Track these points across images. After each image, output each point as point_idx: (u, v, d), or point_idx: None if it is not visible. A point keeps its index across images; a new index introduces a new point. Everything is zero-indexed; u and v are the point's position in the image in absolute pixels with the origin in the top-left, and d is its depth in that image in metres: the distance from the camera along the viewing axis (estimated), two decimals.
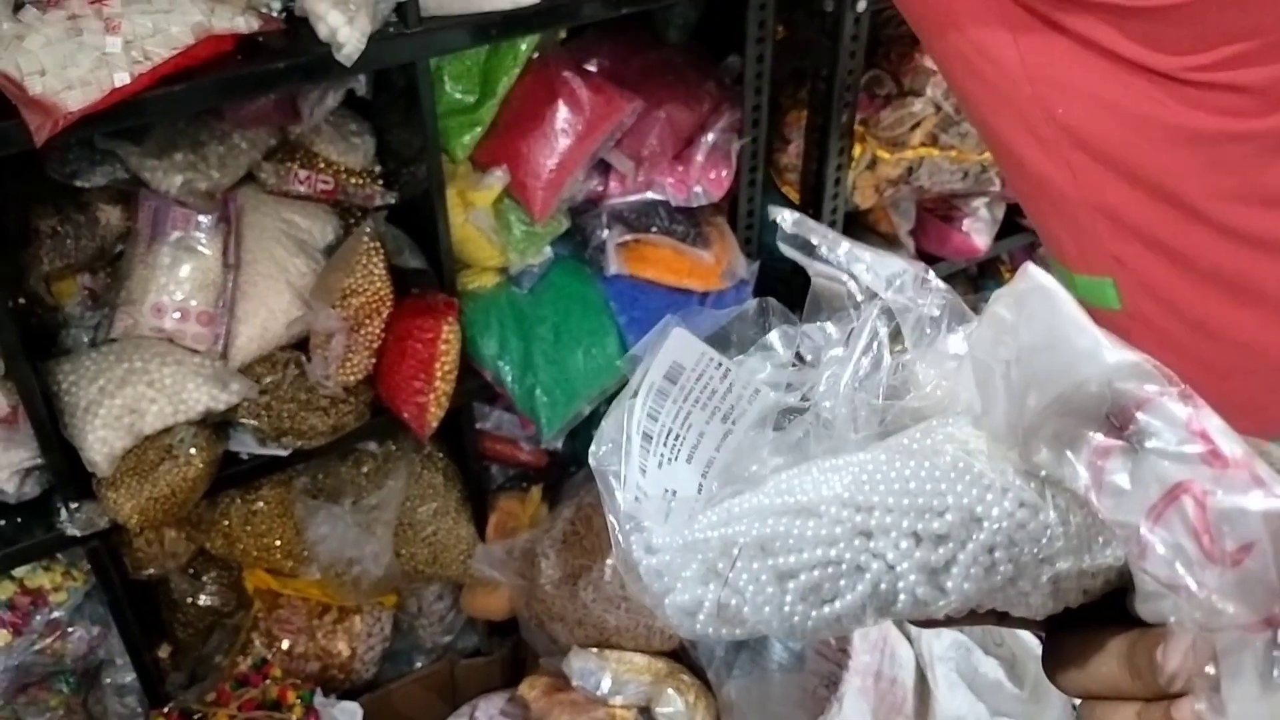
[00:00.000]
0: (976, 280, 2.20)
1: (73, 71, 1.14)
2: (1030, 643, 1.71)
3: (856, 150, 1.71)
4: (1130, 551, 0.39)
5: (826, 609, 0.44)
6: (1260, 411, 0.97)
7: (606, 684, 1.66)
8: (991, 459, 0.44)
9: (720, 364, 0.51)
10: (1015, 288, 0.44)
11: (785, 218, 0.58)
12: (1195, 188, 0.92)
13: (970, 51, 0.95)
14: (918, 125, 1.73)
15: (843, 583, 0.43)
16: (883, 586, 0.43)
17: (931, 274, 0.55)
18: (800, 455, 0.49)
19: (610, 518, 0.49)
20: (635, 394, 0.49)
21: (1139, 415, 0.40)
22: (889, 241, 1.90)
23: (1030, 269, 0.45)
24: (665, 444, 0.51)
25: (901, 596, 0.43)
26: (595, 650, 1.67)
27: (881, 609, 0.44)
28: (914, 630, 1.74)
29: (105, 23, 1.17)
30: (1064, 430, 0.41)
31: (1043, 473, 0.42)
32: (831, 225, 1.77)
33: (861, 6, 1.55)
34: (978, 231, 1.92)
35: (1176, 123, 0.89)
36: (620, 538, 0.47)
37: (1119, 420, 0.41)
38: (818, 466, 0.46)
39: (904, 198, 1.84)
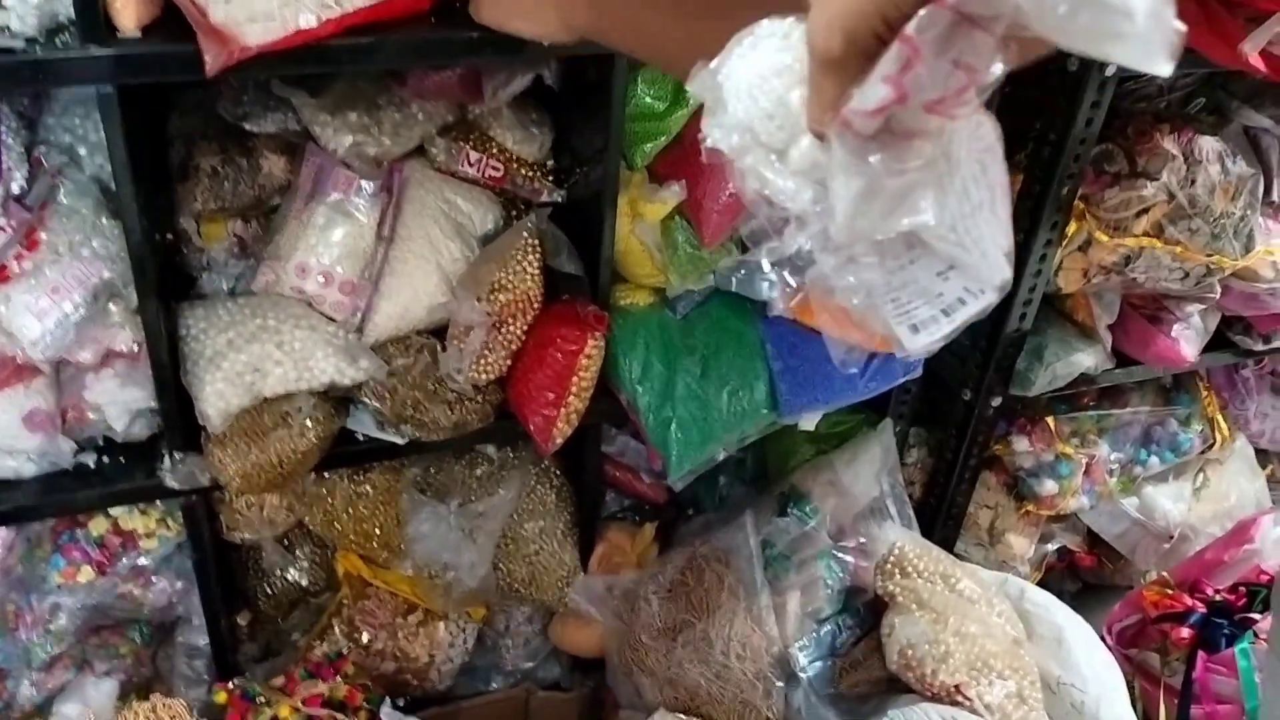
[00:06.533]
0: (1170, 392, 1.98)
1: (259, 4, 1.07)
2: None
3: (1071, 227, 1.54)
4: None
5: None
6: None
7: None
8: None
9: None
10: None
11: None
12: None
13: None
14: (1145, 211, 1.54)
15: None
16: None
17: None
18: None
19: None
20: None
21: None
22: (1084, 332, 1.71)
23: None
24: None
25: None
26: (682, 716, 1.52)
27: None
28: None
29: None
30: None
31: None
32: (1026, 304, 1.60)
33: (1110, 71, 1.39)
34: (1187, 340, 1.72)
35: None
36: None
37: None
38: None
39: (1111, 288, 1.66)
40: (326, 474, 1.52)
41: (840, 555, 1.62)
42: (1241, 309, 1.75)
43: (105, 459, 1.35)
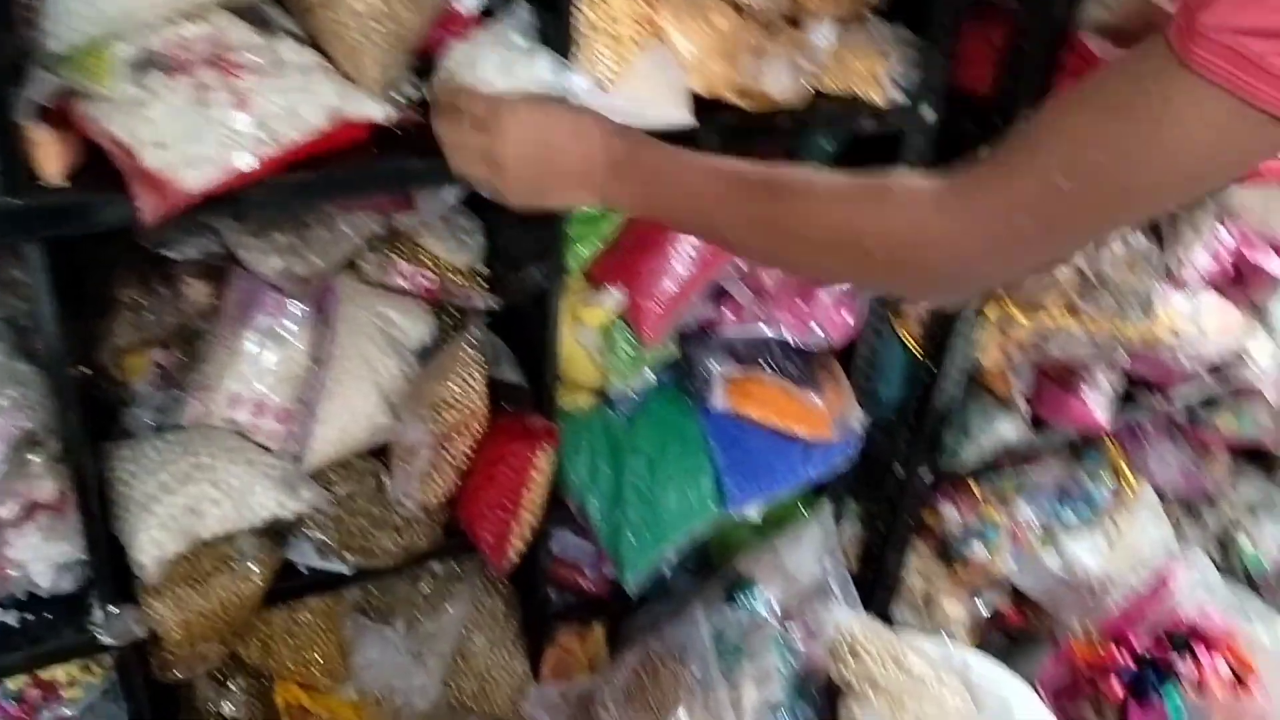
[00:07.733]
0: (1079, 447, 2.06)
1: (194, 148, 1.02)
2: None
3: (990, 309, 1.59)
4: None
5: None
6: None
7: None
8: None
9: None
10: None
11: None
12: None
13: None
14: (1056, 289, 1.61)
15: None
16: None
17: None
18: None
19: None
20: None
21: None
22: (1003, 403, 1.77)
23: None
24: None
25: None
26: None
27: None
28: None
29: (236, 97, 1.06)
30: None
31: None
32: (953, 383, 1.64)
33: None
34: (1098, 404, 1.79)
35: None
36: None
37: None
38: None
39: (1027, 361, 1.72)
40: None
41: (790, 641, 1.62)
42: (1146, 372, 1.84)
43: (29, 616, 1.25)
